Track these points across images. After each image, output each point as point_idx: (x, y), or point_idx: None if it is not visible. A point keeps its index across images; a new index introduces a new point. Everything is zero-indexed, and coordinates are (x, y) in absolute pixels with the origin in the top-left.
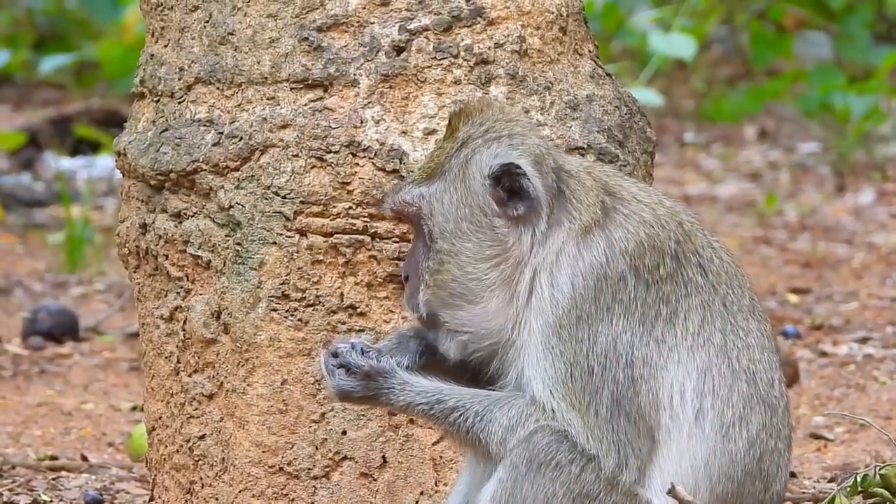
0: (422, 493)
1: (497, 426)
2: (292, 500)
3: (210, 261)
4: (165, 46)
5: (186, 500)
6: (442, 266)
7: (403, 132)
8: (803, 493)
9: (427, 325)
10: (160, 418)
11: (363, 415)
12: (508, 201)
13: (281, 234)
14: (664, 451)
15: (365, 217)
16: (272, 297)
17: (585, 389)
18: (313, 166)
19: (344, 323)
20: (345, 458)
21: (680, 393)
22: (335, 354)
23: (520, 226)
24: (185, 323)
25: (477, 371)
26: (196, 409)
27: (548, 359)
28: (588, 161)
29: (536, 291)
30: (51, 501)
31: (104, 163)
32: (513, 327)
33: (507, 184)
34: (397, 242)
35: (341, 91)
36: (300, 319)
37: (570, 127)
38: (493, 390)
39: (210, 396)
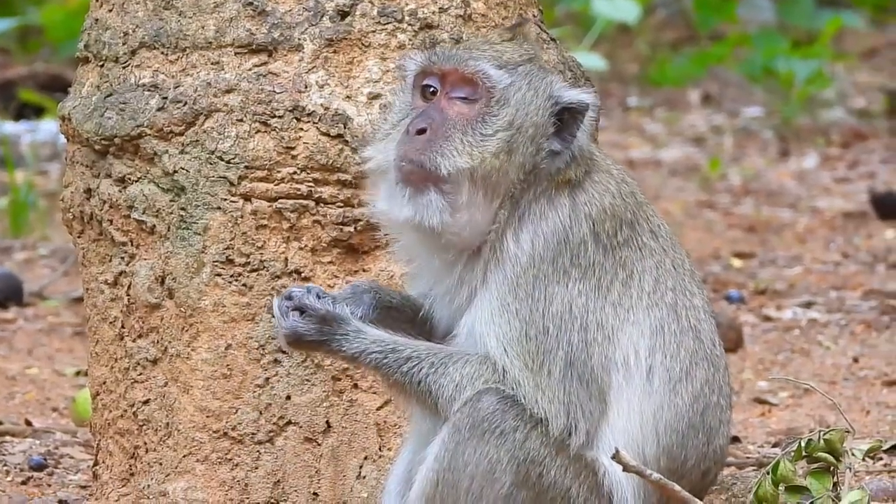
0: (366, 458)
1: (449, 381)
2: (236, 464)
3: (154, 226)
4: (110, 11)
5: (130, 465)
6: (497, 150)
7: (348, 97)
8: (747, 457)
9: (424, 180)
10: (104, 383)
11: (307, 380)
12: (550, 134)
13: (225, 199)
14: (615, 409)
15: (309, 182)
16: (216, 261)
17: (539, 349)
18: (258, 131)
19: (287, 287)
20: (289, 422)
21: (634, 352)
22: (289, 297)
23: (545, 159)
24: (129, 288)
25: (424, 325)
26: (140, 374)
27: (503, 316)
28: None
29: (499, 244)
30: None
31: (48, 127)
32: (477, 259)
33: (566, 118)
34: (341, 207)
35: (286, 56)
36: (244, 284)
37: None
38: (448, 346)
39: (154, 361)
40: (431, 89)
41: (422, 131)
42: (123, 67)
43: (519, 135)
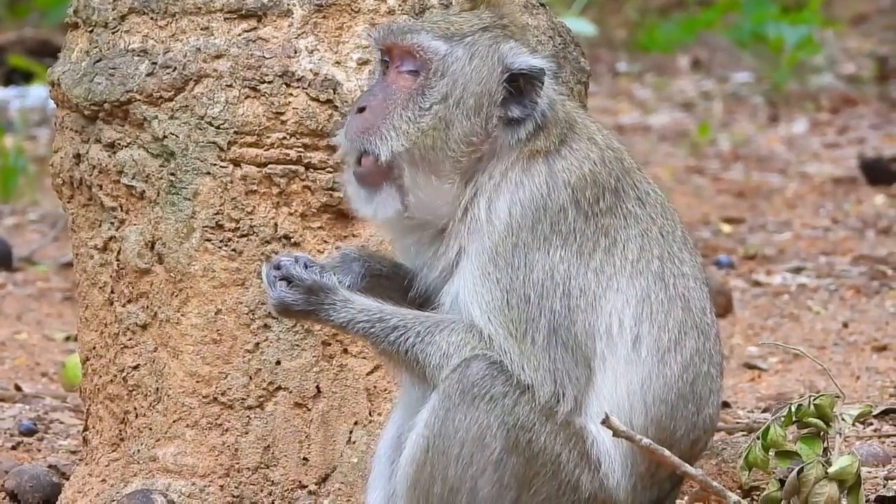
0: (356, 423)
1: (436, 349)
2: (226, 430)
3: (144, 191)
4: None
5: (120, 430)
6: (430, 126)
7: (337, 62)
8: (737, 422)
9: (371, 169)
10: (94, 348)
11: (297, 345)
12: (507, 101)
13: (215, 165)
14: (600, 377)
15: (299, 147)
16: (206, 227)
17: (522, 317)
18: (247, 96)
19: (277, 253)
20: (279, 388)
21: (619, 320)
22: (277, 267)
23: (503, 128)
24: (118, 253)
25: (415, 297)
26: (130, 340)
27: (484, 285)
28: (563, 93)
29: (472, 212)
30: None
31: (38, 92)
32: (447, 233)
33: (522, 85)
34: (331, 172)
35: (275, 21)
36: (234, 249)
37: None
38: (435, 313)
39: (144, 326)
40: (387, 64)
41: (362, 109)
42: (113, 33)
43: (457, 107)
